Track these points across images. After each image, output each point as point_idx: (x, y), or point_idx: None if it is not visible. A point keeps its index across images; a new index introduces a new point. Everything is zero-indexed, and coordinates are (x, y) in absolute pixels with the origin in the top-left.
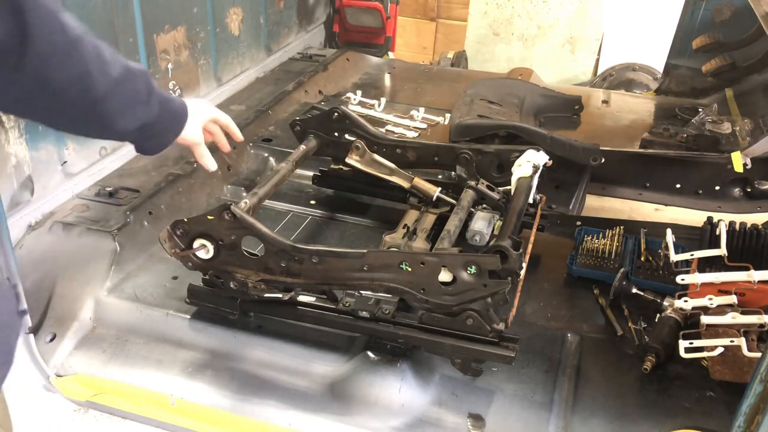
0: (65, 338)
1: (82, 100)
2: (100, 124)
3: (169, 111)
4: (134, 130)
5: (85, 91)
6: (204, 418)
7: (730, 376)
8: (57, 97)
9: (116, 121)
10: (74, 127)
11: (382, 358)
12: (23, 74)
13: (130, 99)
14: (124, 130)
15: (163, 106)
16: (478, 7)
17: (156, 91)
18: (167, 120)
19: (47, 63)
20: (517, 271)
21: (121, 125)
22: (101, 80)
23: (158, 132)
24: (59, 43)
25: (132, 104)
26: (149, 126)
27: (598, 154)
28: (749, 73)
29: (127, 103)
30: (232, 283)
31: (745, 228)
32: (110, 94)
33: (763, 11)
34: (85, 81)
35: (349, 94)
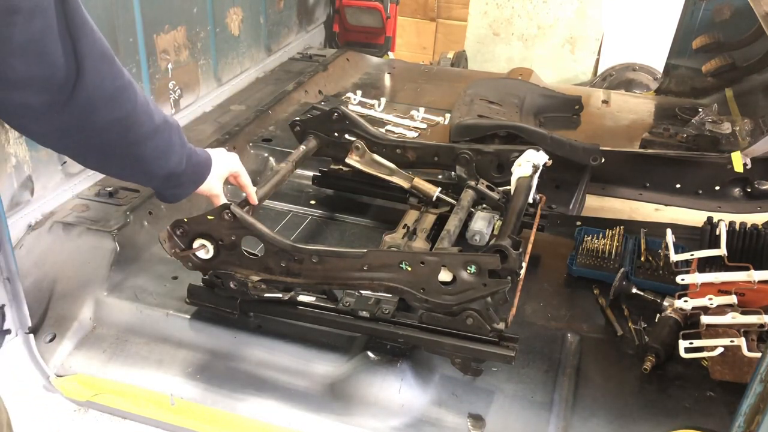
0: (65, 338)
1: (122, 141)
2: (132, 167)
3: (195, 164)
4: (163, 177)
5: (125, 133)
6: (204, 418)
7: (730, 376)
8: (97, 135)
9: (148, 165)
10: (106, 166)
11: (382, 358)
12: (69, 111)
13: (165, 147)
14: (154, 176)
15: (190, 159)
16: (478, 7)
17: (187, 145)
18: (192, 172)
19: (94, 104)
20: (517, 270)
21: (152, 170)
22: (143, 125)
23: (183, 182)
24: (108, 88)
25: (165, 153)
26: (176, 176)
27: (598, 154)
28: (749, 73)
29: (162, 150)
30: (232, 283)
31: (745, 228)
32: (147, 139)
33: (763, 11)
34: (126, 124)
35: (349, 94)
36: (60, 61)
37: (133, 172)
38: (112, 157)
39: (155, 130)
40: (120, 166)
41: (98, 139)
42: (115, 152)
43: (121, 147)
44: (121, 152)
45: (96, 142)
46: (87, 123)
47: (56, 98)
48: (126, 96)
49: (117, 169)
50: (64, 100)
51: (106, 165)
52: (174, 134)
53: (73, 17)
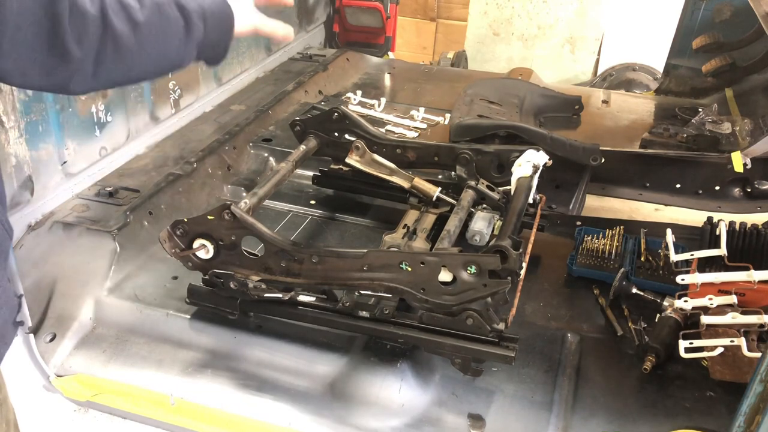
0: (65, 338)
1: (121, 56)
2: (161, 63)
3: (213, 17)
4: (190, 55)
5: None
6: (204, 418)
7: (730, 376)
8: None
9: (164, 60)
10: (127, 78)
11: (382, 358)
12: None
13: (168, 35)
14: (179, 61)
15: (206, 16)
16: (478, 7)
17: (192, 9)
18: (215, 26)
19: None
20: (517, 270)
21: (172, 59)
22: (132, 28)
23: (214, 42)
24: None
25: (173, 37)
26: (203, 42)
27: (598, 154)
28: (749, 73)
29: (166, 35)
30: (232, 283)
31: (745, 228)
32: (145, 35)
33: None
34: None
35: (349, 94)
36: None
37: (159, 68)
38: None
39: (146, 25)
40: (148, 71)
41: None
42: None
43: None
44: (139, 56)
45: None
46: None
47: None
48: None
49: (145, 73)
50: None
51: (126, 77)
52: (170, 13)
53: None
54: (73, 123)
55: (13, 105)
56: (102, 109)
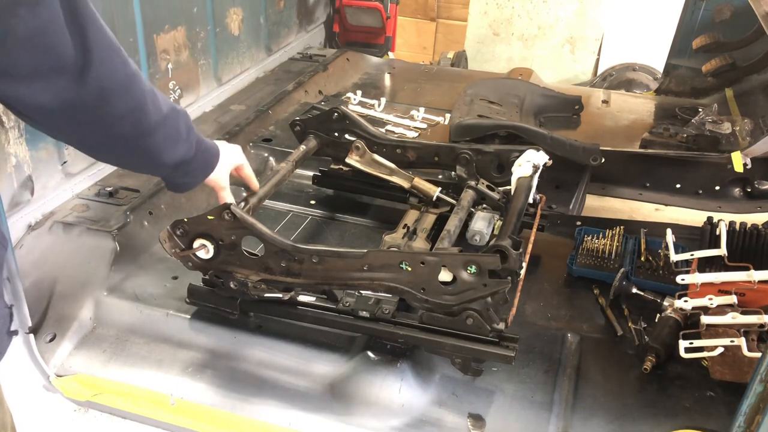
0: (65, 338)
1: (135, 131)
2: (143, 156)
3: (204, 150)
4: (172, 166)
5: (138, 123)
6: (204, 418)
7: (730, 376)
8: (110, 127)
9: (159, 154)
10: (118, 158)
11: (382, 358)
12: (81, 104)
13: (174, 135)
14: (164, 164)
15: (200, 146)
16: (478, 7)
17: (194, 131)
18: (202, 160)
19: (106, 95)
20: (517, 270)
21: (163, 159)
22: (153, 114)
23: (192, 170)
24: (119, 77)
25: (175, 140)
26: (186, 163)
27: (598, 154)
28: (749, 73)
29: (171, 138)
30: (232, 283)
31: (745, 228)
32: (159, 127)
33: (763, 11)
34: (138, 114)
35: (349, 94)
36: (68, 51)
37: (143, 162)
38: (123, 148)
39: (165, 118)
40: (131, 157)
41: (111, 130)
42: (128, 143)
43: (133, 137)
44: (133, 143)
45: (108, 134)
46: (99, 115)
47: (66, 90)
48: (136, 85)
49: (128, 159)
50: (74, 92)
51: (118, 156)
52: (181, 121)
53: (78, 7)
54: None
55: None
56: None
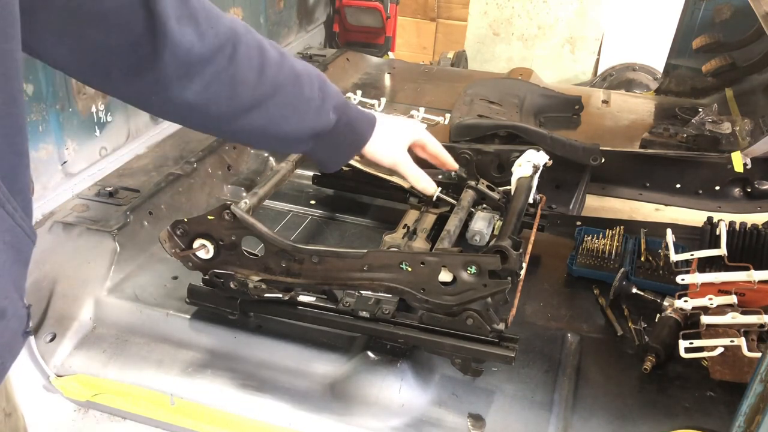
0: (65, 338)
1: (228, 108)
2: (259, 134)
3: (349, 122)
4: (305, 139)
5: (233, 98)
6: (204, 418)
7: (730, 376)
8: (192, 108)
9: (277, 128)
10: (234, 137)
11: (382, 358)
12: (159, 80)
13: (294, 105)
14: (291, 139)
15: (343, 116)
16: (478, 7)
17: (333, 99)
18: (346, 131)
19: (182, 72)
20: (517, 271)
21: (284, 133)
22: (257, 84)
23: (336, 143)
24: (196, 52)
25: (297, 111)
26: (324, 136)
27: (598, 154)
28: (749, 73)
29: (290, 109)
30: (233, 283)
31: (745, 228)
32: (267, 99)
33: (763, 11)
34: (229, 90)
35: (349, 94)
36: (138, 27)
37: (264, 140)
38: (227, 126)
39: (278, 86)
40: (246, 135)
41: (196, 111)
42: (228, 120)
43: (229, 114)
44: (232, 121)
45: (195, 114)
46: (174, 95)
47: (143, 66)
48: (221, 57)
49: (246, 138)
50: (150, 67)
51: (233, 135)
52: (307, 87)
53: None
54: (73, 123)
55: None
56: (102, 109)
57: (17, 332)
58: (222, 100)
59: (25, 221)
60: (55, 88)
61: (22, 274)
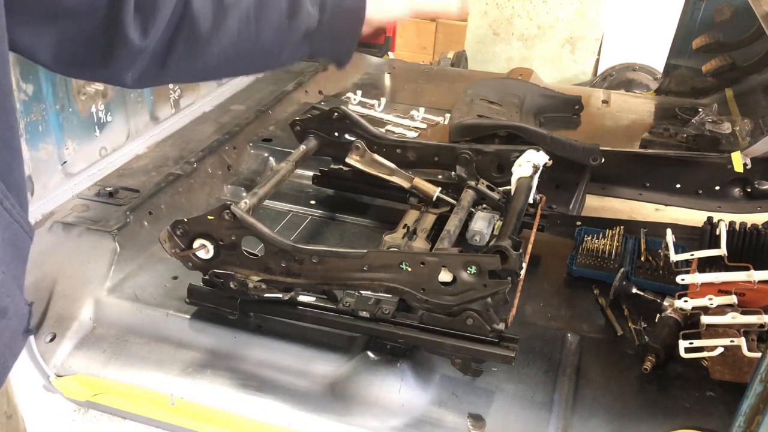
0: (65, 338)
1: (203, 30)
2: (255, 56)
3: (335, 4)
4: (297, 43)
5: (203, 44)
6: (204, 418)
7: (730, 376)
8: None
9: (260, 45)
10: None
11: (382, 358)
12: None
13: (261, 16)
14: (280, 51)
15: (327, 4)
16: (478, 7)
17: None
18: (338, 15)
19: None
20: (517, 271)
21: (269, 47)
22: (212, 22)
23: (334, 33)
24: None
25: (268, 20)
26: (316, 33)
27: (598, 154)
28: (749, 73)
29: (260, 21)
30: (232, 283)
31: (745, 228)
32: (229, 20)
33: (763, 11)
34: (198, 36)
35: (349, 94)
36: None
37: (255, 61)
38: (212, 70)
39: (246, 20)
40: (234, 66)
41: (173, 69)
42: (208, 63)
43: (205, 38)
44: (212, 42)
45: (173, 71)
46: (148, 64)
47: (115, 48)
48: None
49: (236, 69)
50: (121, 44)
51: (217, 72)
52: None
53: None
54: (73, 123)
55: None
56: (102, 109)
57: (18, 331)
58: (195, 51)
59: (23, 217)
60: (55, 88)
61: (21, 271)
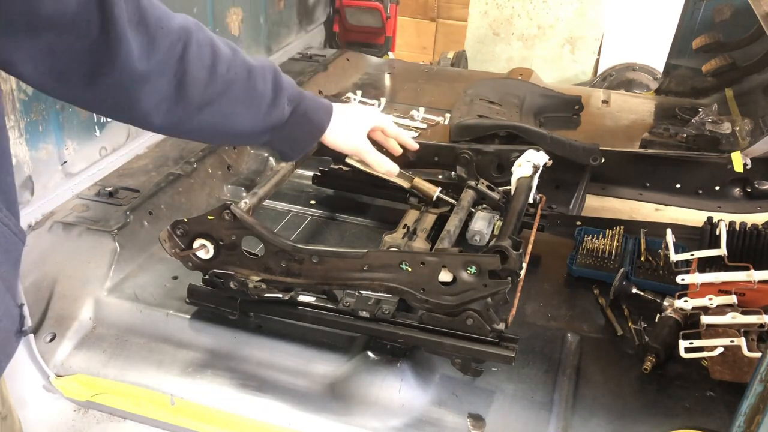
0: (65, 338)
1: (178, 108)
2: (210, 129)
3: (305, 112)
4: (261, 133)
5: (182, 99)
6: (204, 418)
7: (730, 376)
8: (151, 108)
9: (231, 124)
10: (189, 135)
11: (382, 358)
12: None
13: (247, 101)
14: (246, 134)
15: (299, 107)
16: (478, 7)
17: (287, 91)
18: (303, 121)
19: (130, 50)
20: (517, 271)
21: (239, 129)
22: (208, 83)
23: (293, 134)
24: (145, 56)
25: (250, 106)
26: (280, 128)
27: (598, 154)
28: (749, 73)
29: (243, 106)
30: (232, 283)
31: (745, 228)
32: (218, 97)
33: (763, 11)
34: (182, 87)
35: (349, 94)
36: (94, 31)
37: (219, 136)
38: (180, 124)
39: (230, 83)
40: (199, 133)
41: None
42: (181, 119)
43: (182, 113)
44: (187, 118)
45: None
46: (128, 98)
47: (99, 71)
48: (171, 57)
49: (200, 136)
50: (106, 71)
51: (181, 133)
52: (260, 81)
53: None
54: (73, 123)
55: (13, 105)
56: None
57: (10, 332)
58: (173, 99)
59: (11, 220)
60: None
61: (12, 274)
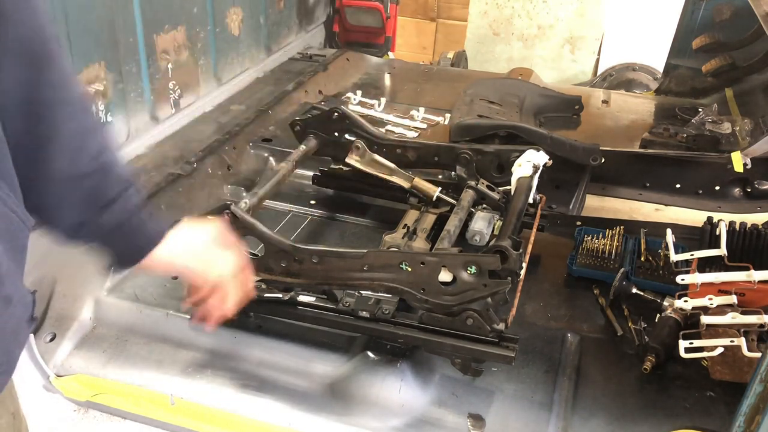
0: (65, 338)
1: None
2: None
3: (143, 220)
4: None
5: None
6: (204, 418)
7: (730, 376)
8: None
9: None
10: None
11: (382, 358)
12: None
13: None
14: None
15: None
16: (478, 7)
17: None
18: (137, 233)
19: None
20: (517, 271)
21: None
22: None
23: (126, 240)
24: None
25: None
26: (122, 225)
27: (598, 154)
28: (749, 73)
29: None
30: None
31: (745, 228)
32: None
33: (763, 11)
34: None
35: (349, 94)
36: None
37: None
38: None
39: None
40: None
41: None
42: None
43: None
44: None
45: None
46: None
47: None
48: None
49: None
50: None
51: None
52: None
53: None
54: None
55: None
56: (102, 109)
57: (23, 318)
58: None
59: (19, 207)
60: None
61: (21, 260)
